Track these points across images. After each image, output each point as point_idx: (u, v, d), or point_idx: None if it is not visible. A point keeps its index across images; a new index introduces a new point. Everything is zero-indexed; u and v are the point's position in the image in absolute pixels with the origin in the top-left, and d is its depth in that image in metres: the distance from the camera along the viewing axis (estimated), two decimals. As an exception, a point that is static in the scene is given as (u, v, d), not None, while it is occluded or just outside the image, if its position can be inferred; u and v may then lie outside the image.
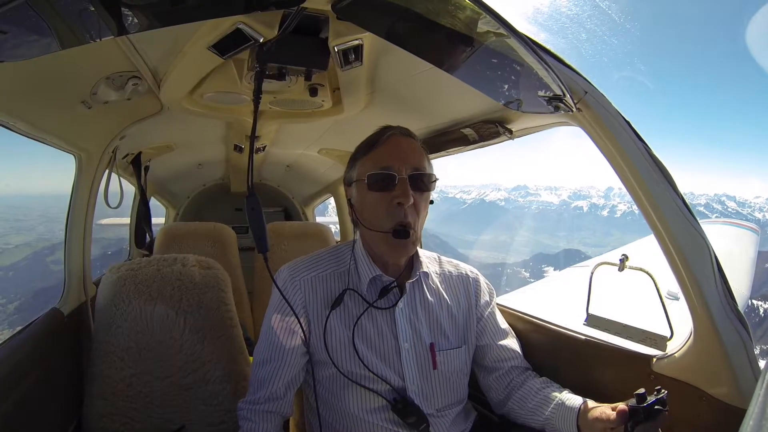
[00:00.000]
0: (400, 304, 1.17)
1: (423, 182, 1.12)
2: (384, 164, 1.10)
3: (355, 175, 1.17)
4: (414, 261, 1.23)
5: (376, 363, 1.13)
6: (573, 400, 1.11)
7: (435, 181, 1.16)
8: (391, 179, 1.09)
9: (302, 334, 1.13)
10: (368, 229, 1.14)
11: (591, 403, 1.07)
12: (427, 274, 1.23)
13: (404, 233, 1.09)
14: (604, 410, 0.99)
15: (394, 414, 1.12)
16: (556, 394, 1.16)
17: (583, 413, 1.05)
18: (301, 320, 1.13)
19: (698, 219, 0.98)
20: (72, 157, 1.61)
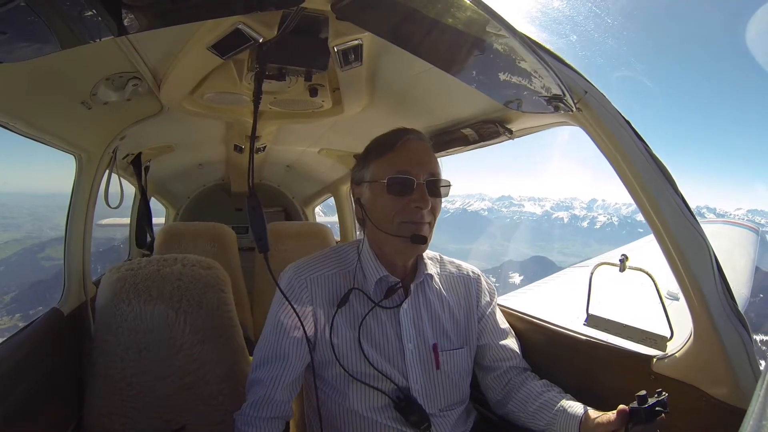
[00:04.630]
0: (405, 305, 1.18)
1: (438, 188, 1.14)
2: (402, 168, 1.11)
3: (368, 175, 1.16)
4: (419, 262, 1.23)
5: (381, 362, 1.14)
6: (575, 407, 1.11)
7: (448, 186, 1.16)
8: (409, 184, 1.10)
9: (306, 334, 1.13)
10: (381, 231, 1.14)
11: (592, 411, 1.07)
12: (431, 276, 1.24)
13: (421, 239, 1.11)
14: (606, 415, 1.01)
15: (397, 412, 1.12)
16: (557, 399, 1.16)
17: (585, 421, 1.06)
18: (306, 319, 1.13)
19: (698, 219, 0.98)
20: (61, 156, 1.61)
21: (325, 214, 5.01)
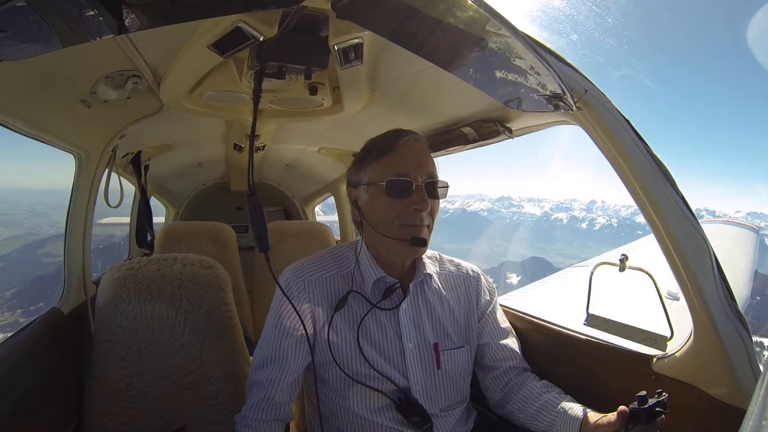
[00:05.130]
0: (404, 305, 1.17)
1: (436, 190, 1.14)
2: (401, 171, 1.11)
3: (365, 178, 1.16)
4: (417, 262, 1.23)
5: (381, 363, 1.14)
6: (575, 409, 1.11)
7: (446, 188, 1.16)
8: (408, 186, 1.10)
9: (306, 335, 1.13)
10: (380, 234, 1.13)
11: (592, 413, 1.07)
12: (430, 276, 1.23)
13: (421, 241, 1.11)
14: (606, 416, 1.00)
15: (398, 413, 1.12)
16: (557, 400, 1.16)
17: (585, 422, 1.06)
18: (305, 321, 1.12)
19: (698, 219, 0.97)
20: (59, 154, 1.60)
21: (324, 213, 5.01)
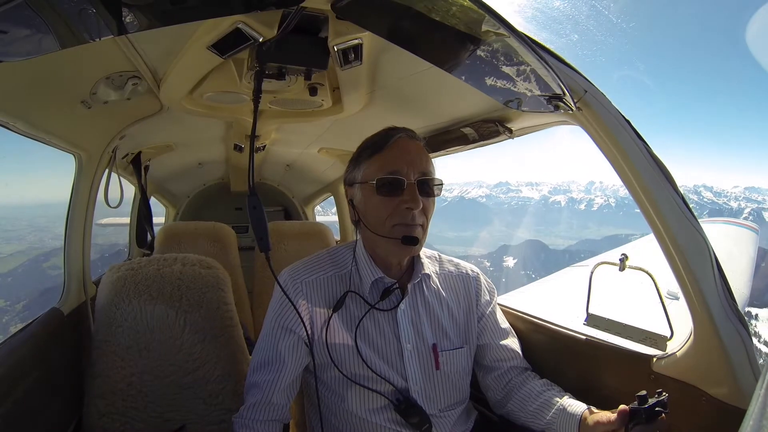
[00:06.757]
0: (402, 306, 1.17)
1: (430, 187, 1.12)
2: (392, 168, 1.09)
3: (359, 176, 1.16)
4: (415, 262, 1.23)
5: (379, 364, 1.13)
6: (575, 406, 1.10)
7: (440, 185, 1.15)
8: (399, 184, 1.09)
9: (304, 336, 1.13)
10: (373, 232, 1.13)
11: (592, 409, 1.07)
12: (428, 276, 1.23)
13: (413, 240, 1.10)
14: (606, 414, 1.00)
15: (397, 414, 1.12)
16: (557, 398, 1.15)
17: (585, 420, 1.05)
18: (303, 322, 1.12)
19: (698, 218, 0.98)
20: (58, 167, 1.61)
21: (324, 210, 5.02)
